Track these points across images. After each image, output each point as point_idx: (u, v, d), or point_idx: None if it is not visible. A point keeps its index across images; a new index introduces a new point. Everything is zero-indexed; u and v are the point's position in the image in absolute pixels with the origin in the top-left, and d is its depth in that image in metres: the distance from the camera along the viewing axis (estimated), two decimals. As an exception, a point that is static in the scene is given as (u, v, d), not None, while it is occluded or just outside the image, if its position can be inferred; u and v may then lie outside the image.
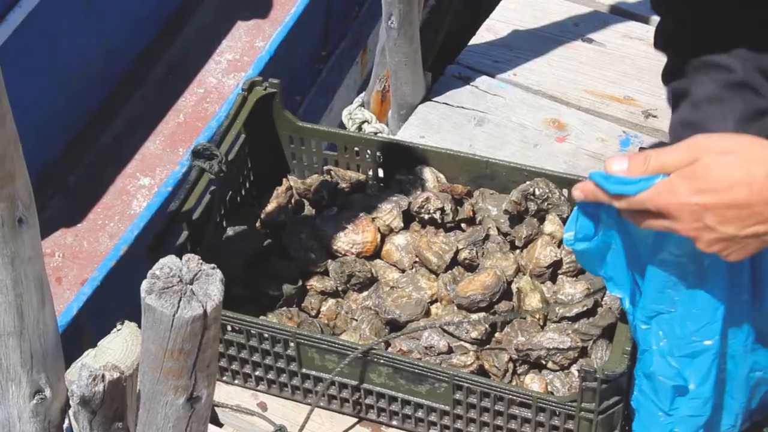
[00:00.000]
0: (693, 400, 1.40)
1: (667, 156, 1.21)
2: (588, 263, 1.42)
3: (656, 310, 1.38)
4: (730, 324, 1.36)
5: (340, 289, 1.78)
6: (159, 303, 1.03)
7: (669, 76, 1.60)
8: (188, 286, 1.04)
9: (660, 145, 2.24)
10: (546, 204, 1.79)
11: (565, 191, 1.81)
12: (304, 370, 1.69)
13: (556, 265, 1.76)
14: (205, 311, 1.04)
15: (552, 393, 1.64)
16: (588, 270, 1.45)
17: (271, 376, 1.73)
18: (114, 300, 2.63)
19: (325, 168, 1.95)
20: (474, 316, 1.68)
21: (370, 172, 1.95)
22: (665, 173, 1.20)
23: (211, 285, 1.05)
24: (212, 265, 1.06)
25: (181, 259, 1.06)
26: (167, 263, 1.05)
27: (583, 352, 1.67)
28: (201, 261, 1.06)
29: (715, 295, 1.33)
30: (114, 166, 3.37)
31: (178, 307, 1.03)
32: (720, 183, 1.16)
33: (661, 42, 1.62)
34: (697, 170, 1.18)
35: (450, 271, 1.77)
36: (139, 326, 1.15)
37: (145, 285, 1.04)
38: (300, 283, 1.78)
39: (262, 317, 1.71)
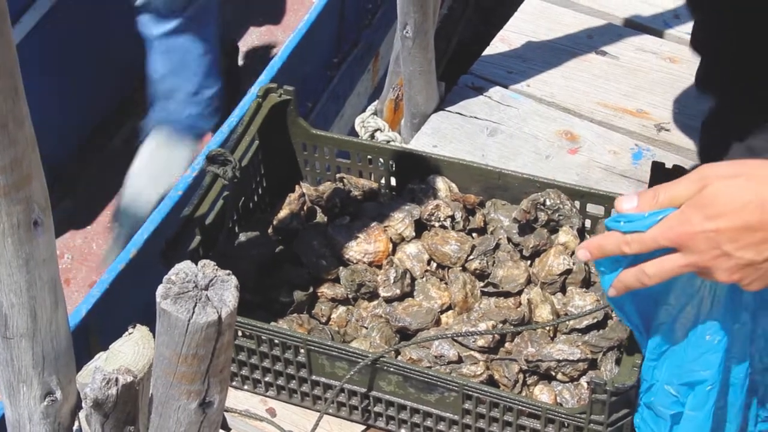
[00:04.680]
0: (688, 423, 1.39)
1: (676, 188, 1.20)
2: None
3: (662, 350, 1.38)
4: (732, 354, 1.36)
5: (350, 296, 1.79)
6: (174, 308, 1.03)
7: (706, 82, 1.59)
8: (203, 292, 1.04)
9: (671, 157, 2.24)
10: (557, 215, 1.79)
11: (576, 203, 1.81)
12: (313, 377, 1.69)
13: (568, 273, 1.76)
14: (219, 317, 1.04)
15: (561, 404, 1.64)
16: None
17: (280, 382, 1.73)
18: (122, 303, 2.64)
19: (338, 175, 1.95)
20: (482, 325, 1.68)
21: (383, 181, 1.95)
22: (675, 206, 1.20)
23: (226, 291, 1.05)
24: (227, 271, 1.06)
25: (195, 264, 1.06)
26: (183, 268, 1.05)
27: (593, 364, 1.67)
28: (216, 267, 1.07)
29: (715, 325, 1.33)
30: (124, 169, 3.38)
31: (193, 312, 1.03)
32: (731, 206, 1.15)
33: (699, 44, 1.60)
34: (707, 197, 1.17)
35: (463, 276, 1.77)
36: (149, 329, 1.16)
37: (160, 290, 1.04)
38: (311, 289, 1.78)
39: (272, 323, 1.72)
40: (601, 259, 1.30)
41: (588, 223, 1.83)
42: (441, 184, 1.89)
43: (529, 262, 1.80)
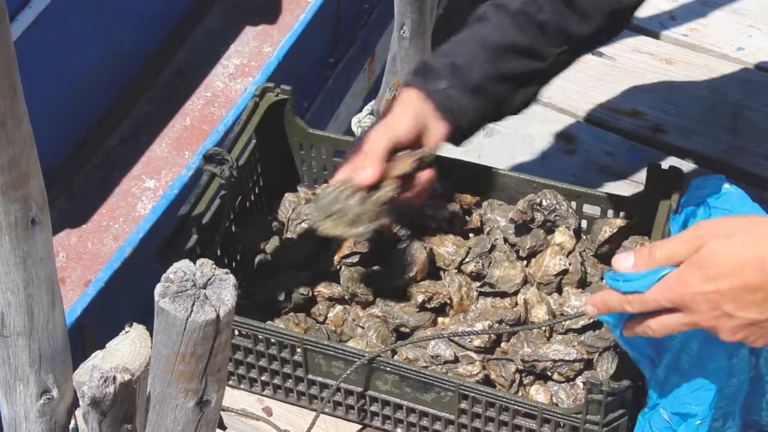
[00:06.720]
0: None
1: (671, 246, 1.19)
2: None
3: (667, 375, 1.40)
4: (731, 384, 1.37)
5: (347, 297, 1.79)
6: (172, 307, 1.03)
7: None
8: (202, 291, 1.05)
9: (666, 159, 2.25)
10: (554, 216, 1.79)
11: (573, 203, 1.81)
12: (310, 376, 1.69)
13: (564, 274, 1.76)
14: (218, 316, 1.04)
15: (557, 404, 1.64)
16: None
17: (277, 381, 1.73)
18: (118, 301, 2.64)
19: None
20: (479, 325, 1.68)
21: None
22: (672, 264, 1.18)
23: (225, 290, 1.05)
24: (225, 270, 1.06)
25: (193, 263, 1.06)
26: (181, 267, 1.05)
27: (589, 365, 1.68)
28: (215, 266, 1.07)
29: (712, 365, 1.33)
30: (120, 168, 3.38)
31: (192, 311, 1.03)
32: (730, 266, 1.14)
33: None
34: (705, 256, 1.15)
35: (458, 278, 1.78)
36: (145, 328, 1.16)
37: (158, 288, 1.04)
38: (308, 289, 1.78)
39: (269, 322, 1.72)
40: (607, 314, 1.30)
41: (584, 223, 1.84)
42: (437, 184, 1.88)
43: (525, 262, 1.80)
